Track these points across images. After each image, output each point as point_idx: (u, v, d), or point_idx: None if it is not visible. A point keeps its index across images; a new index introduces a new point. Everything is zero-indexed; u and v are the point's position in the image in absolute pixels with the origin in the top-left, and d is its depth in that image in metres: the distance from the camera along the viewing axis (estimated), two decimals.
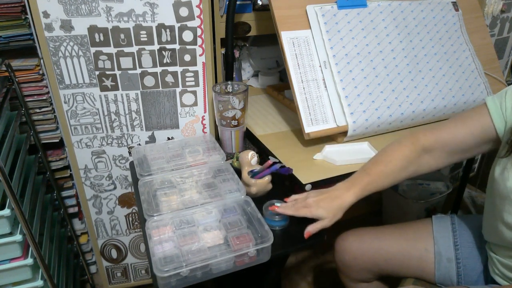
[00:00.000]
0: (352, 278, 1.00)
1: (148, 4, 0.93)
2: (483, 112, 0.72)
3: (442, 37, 1.10)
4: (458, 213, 1.65)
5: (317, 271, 1.56)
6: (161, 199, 0.82)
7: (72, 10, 0.91)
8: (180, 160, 0.95)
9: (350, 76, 0.97)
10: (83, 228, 1.36)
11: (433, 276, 0.89)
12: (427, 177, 1.76)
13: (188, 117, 1.09)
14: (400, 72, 1.02)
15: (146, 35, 0.97)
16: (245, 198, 0.81)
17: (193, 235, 0.73)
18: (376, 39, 1.02)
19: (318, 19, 0.98)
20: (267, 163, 0.84)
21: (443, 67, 1.08)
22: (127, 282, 1.36)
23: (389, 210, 1.75)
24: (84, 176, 1.12)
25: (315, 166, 0.89)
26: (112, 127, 1.07)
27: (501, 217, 0.71)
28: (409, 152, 0.77)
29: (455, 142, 0.75)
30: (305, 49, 0.97)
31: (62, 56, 0.95)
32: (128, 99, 1.04)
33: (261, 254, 0.72)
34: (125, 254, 1.29)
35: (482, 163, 1.95)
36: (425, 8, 1.10)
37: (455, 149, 0.76)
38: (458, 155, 0.77)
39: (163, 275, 0.64)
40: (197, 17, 0.97)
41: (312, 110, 0.94)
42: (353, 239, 0.98)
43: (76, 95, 1.01)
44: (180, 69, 1.02)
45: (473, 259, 0.87)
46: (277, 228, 0.79)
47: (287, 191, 0.90)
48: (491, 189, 0.75)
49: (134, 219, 1.24)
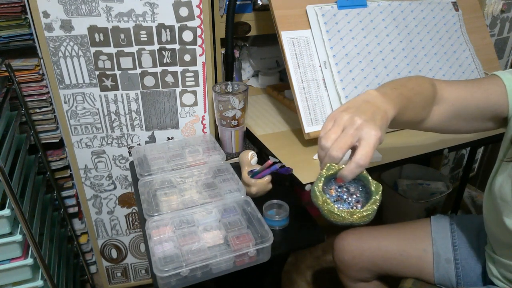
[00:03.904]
0: (351, 277, 1.01)
1: (148, 4, 0.93)
2: (499, 83, 0.68)
3: (442, 37, 1.10)
4: (458, 213, 1.65)
5: (317, 270, 1.56)
6: (161, 199, 0.82)
7: (72, 10, 0.91)
8: (180, 160, 0.95)
9: (350, 76, 0.97)
10: (83, 228, 1.36)
11: (432, 276, 0.89)
12: (427, 177, 1.76)
13: (188, 117, 1.09)
14: (400, 72, 1.02)
15: (146, 35, 0.97)
16: (245, 198, 0.81)
17: (193, 235, 0.73)
18: (376, 39, 1.02)
19: (318, 19, 0.98)
20: (267, 163, 0.84)
21: (443, 67, 1.08)
22: (127, 282, 1.36)
23: (389, 210, 1.75)
24: (84, 176, 1.12)
25: (315, 166, 0.89)
26: (112, 127, 1.07)
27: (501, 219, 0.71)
28: (431, 91, 0.67)
29: (467, 102, 0.69)
30: (305, 49, 0.97)
31: (62, 56, 0.95)
32: (128, 99, 1.04)
33: (261, 254, 0.72)
34: (125, 254, 1.29)
35: (482, 163, 1.95)
36: (425, 8, 1.10)
37: (463, 111, 0.70)
38: (460, 122, 0.72)
39: (163, 275, 0.64)
40: (197, 17, 0.97)
41: (312, 110, 0.94)
42: (352, 239, 0.98)
43: (76, 95, 1.01)
44: (180, 69, 1.02)
45: (471, 260, 0.86)
46: (277, 228, 0.79)
47: (287, 191, 0.90)
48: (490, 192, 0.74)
49: (134, 219, 1.24)
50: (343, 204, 0.59)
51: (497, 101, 0.68)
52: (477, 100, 0.69)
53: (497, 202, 0.70)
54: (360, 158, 0.52)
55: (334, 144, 0.53)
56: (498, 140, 0.77)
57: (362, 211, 0.55)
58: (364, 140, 0.52)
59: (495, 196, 0.71)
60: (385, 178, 1.75)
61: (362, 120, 0.53)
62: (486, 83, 0.70)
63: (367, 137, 0.52)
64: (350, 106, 0.56)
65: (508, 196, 0.67)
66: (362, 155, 0.52)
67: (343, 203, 0.59)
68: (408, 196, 1.67)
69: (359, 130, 0.52)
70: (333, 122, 0.55)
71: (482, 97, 0.69)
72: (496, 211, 0.71)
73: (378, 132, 0.52)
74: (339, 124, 0.54)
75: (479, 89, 0.69)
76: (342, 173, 0.54)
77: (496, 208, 0.71)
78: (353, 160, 0.52)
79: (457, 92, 0.70)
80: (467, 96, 0.69)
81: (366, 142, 0.52)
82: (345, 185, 0.60)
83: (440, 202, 1.67)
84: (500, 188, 0.69)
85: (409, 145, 0.95)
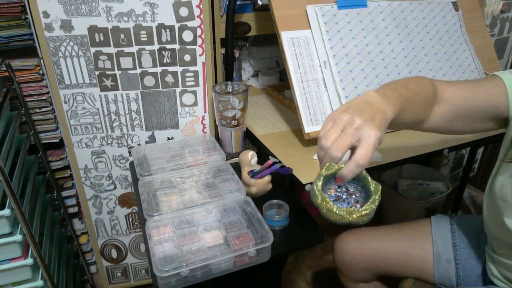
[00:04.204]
0: (351, 278, 1.00)
1: (148, 4, 0.93)
2: (499, 83, 0.68)
3: (442, 37, 1.10)
4: (458, 213, 1.65)
5: (317, 271, 1.56)
6: (161, 199, 0.82)
7: (72, 10, 0.91)
8: (180, 160, 0.95)
9: (350, 76, 0.97)
10: (83, 228, 1.36)
11: (432, 276, 0.89)
12: (427, 177, 1.76)
13: (188, 117, 1.09)
14: (400, 72, 1.02)
15: (146, 35, 0.97)
16: (245, 198, 0.81)
17: (193, 235, 0.73)
18: (376, 39, 1.02)
19: (318, 19, 0.98)
20: (267, 163, 0.84)
21: (443, 67, 1.08)
22: (127, 282, 1.36)
23: (389, 210, 1.75)
24: (84, 176, 1.12)
25: (315, 166, 0.89)
26: (112, 127, 1.07)
27: (502, 219, 0.71)
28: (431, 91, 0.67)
29: (468, 102, 0.69)
30: (305, 49, 0.97)
31: (62, 56, 0.95)
32: (128, 99, 1.04)
33: (261, 254, 0.72)
34: (125, 254, 1.29)
35: (482, 163, 1.95)
36: (425, 8, 1.10)
37: (464, 112, 0.70)
38: (461, 122, 0.71)
39: (163, 275, 0.64)
40: (197, 17, 0.97)
41: (312, 110, 0.94)
42: (352, 239, 0.98)
43: (76, 95, 1.01)
44: (180, 69, 1.02)
45: (472, 260, 0.86)
46: (277, 228, 0.79)
47: (287, 191, 0.90)
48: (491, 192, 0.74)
49: (134, 219, 1.24)
50: (342, 204, 0.59)
51: (498, 101, 0.68)
52: (478, 100, 0.69)
53: (497, 202, 0.70)
54: (359, 157, 0.52)
55: (333, 144, 0.53)
56: (498, 140, 0.77)
57: (361, 210, 0.55)
58: (364, 140, 0.52)
59: (495, 196, 0.71)
60: (385, 178, 1.75)
61: (361, 120, 0.53)
62: (487, 83, 0.70)
63: (366, 136, 0.52)
64: (350, 107, 0.56)
65: (509, 196, 0.67)
66: (362, 155, 0.52)
67: (342, 203, 0.59)
68: (408, 196, 1.67)
69: (358, 130, 0.52)
70: (332, 122, 0.55)
71: (483, 97, 0.69)
72: (497, 211, 0.71)
73: (377, 132, 0.52)
74: (339, 124, 0.54)
75: (479, 90, 0.69)
76: (342, 172, 0.54)
77: (496, 208, 0.71)
78: (352, 159, 0.52)
79: (458, 92, 0.70)
80: (468, 97, 0.69)
81: (365, 142, 0.52)
82: (345, 185, 0.60)
83: (440, 202, 1.67)
84: (500, 188, 0.69)
85: (409, 145, 0.95)
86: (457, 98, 0.69)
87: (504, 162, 0.70)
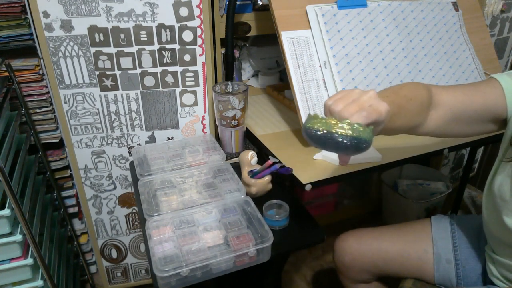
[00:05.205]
0: (352, 279, 1.00)
1: (148, 4, 0.93)
2: (496, 85, 0.69)
3: (442, 37, 1.10)
4: (458, 213, 1.65)
5: (317, 271, 1.56)
6: (161, 199, 0.82)
7: (72, 10, 0.91)
8: (180, 160, 0.95)
9: (350, 76, 0.97)
10: (83, 228, 1.36)
11: (433, 277, 0.89)
12: (427, 177, 1.76)
13: (188, 117, 1.09)
14: (400, 72, 1.02)
15: (146, 35, 0.97)
16: (245, 198, 0.81)
17: (193, 235, 0.73)
18: (376, 39, 1.02)
19: (318, 19, 0.98)
20: (267, 163, 0.84)
21: (443, 67, 1.08)
22: (127, 282, 1.36)
23: (389, 210, 1.75)
24: (84, 176, 1.12)
25: (315, 166, 0.89)
26: (112, 127, 1.07)
27: (501, 218, 0.71)
28: (426, 96, 0.68)
29: (465, 105, 0.69)
30: (305, 49, 0.97)
31: (62, 56, 0.95)
32: (128, 99, 1.04)
33: (261, 254, 0.72)
34: (125, 254, 1.29)
35: (482, 163, 1.95)
36: (425, 8, 1.10)
37: (462, 115, 0.70)
38: (459, 126, 0.72)
39: (163, 275, 0.64)
40: (197, 17, 0.97)
41: (312, 110, 0.94)
42: (352, 240, 0.98)
43: (76, 95, 1.01)
44: (180, 69, 1.02)
45: (472, 260, 0.87)
46: (277, 228, 0.79)
47: (287, 191, 0.90)
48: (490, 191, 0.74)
49: (134, 219, 1.24)
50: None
51: (495, 103, 0.68)
52: (475, 103, 0.69)
53: (496, 202, 0.71)
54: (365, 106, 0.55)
55: (344, 108, 0.55)
56: (497, 140, 0.77)
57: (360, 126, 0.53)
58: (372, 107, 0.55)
59: (494, 196, 0.71)
60: (385, 178, 1.75)
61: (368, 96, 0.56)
62: (484, 86, 0.70)
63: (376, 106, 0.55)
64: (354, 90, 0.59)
65: (508, 195, 0.67)
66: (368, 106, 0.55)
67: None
68: (408, 196, 1.67)
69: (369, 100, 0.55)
70: (341, 94, 0.57)
71: (480, 100, 0.69)
72: (496, 210, 0.71)
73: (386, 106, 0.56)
74: (349, 95, 0.56)
75: (476, 92, 0.70)
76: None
77: (495, 208, 0.71)
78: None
79: (455, 96, 0.70)
80: (465, 100, 0.70)
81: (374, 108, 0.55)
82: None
83: (440, 202, 1.67)
84: (499, 187, 0.70)
85: (409, 145, 0.95)
86: (453, 101, 0.70)
87: (502, 162, 0.70)
